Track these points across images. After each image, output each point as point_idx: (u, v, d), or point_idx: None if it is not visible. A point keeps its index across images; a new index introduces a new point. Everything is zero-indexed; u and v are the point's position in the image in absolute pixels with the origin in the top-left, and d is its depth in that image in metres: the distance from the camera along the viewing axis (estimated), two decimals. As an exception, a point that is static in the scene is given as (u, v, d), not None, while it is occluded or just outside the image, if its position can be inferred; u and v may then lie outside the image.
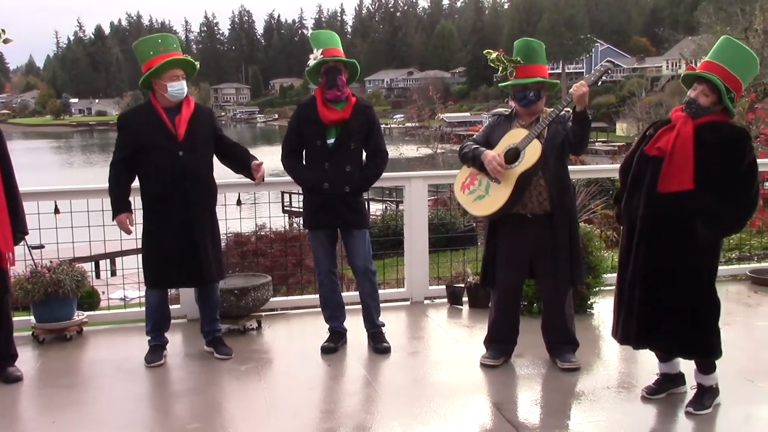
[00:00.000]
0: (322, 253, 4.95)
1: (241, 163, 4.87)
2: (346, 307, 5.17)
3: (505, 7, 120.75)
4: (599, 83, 4.46)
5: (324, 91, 4.75)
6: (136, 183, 4.74)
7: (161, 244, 4.61)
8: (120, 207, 4.66)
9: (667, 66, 67.93)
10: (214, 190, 4.79)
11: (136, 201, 4.82)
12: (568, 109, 4.32)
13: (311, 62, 4.74)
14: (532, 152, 4.26)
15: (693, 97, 3.76)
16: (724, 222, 3.73)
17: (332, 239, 4.97)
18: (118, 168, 4.66)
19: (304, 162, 4.92)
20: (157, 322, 4.83)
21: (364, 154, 4.93)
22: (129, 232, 4.70)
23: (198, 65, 4.73)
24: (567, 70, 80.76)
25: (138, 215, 4.83)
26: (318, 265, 5.01)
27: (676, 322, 3.78)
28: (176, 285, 4.85)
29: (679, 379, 4.13)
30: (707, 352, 3.83)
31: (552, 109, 4.39)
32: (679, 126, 3.76)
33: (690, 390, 4.05)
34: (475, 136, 4.66)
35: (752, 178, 3.72)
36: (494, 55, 4.50)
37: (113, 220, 4.73)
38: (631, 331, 3.89)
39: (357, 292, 5.12)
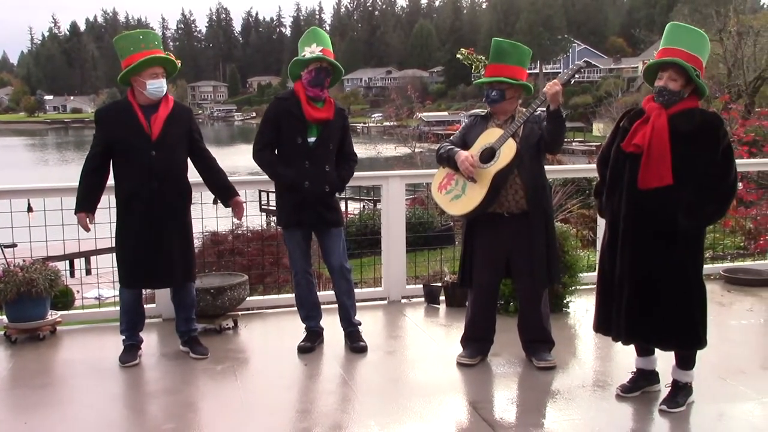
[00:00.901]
0: (298, 253, 4.93)
1: (221, 189, 4.91)
2: (322, 306, 5.15)
3: (483, 6, 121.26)
4: (572, 81, 4.49)
5: (306, 87, 4.72)
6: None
7: (128, 243, 4.58)
8: (82, 204, 4.62)
9: (643, 66, 68.48)
10: (188, 190, 4.75)
11: (109, 200, 4.79)
12: (543, 108, 4.34)
13: (307, 54, 4.66)
14: (508, 151, 4.28)
15: (663, 85, 3.77)
16: (705, 211, 3.75)
17: (307, 238, 4.96)
18: (90, 163, 4.63)
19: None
20: (131, 321, 4.78)
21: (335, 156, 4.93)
22: (87, 230, 4.67)
23: (179, 64, 4.69)
24: (545, 71, 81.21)
25: (104, 214, 4.80)
26: (294, 265, 4.99)
27: (666, 315, 3.81)
28: (142, 285, 4.79)
29: (653, 377, 4.17)
30: (695, 343, 3.86)
31: (526, 109, 4.42)
32: (653, 119, 3.76)
33: (664, 388, 4.08)
34: (452, 138, 4.68)
35: (728, 164, 3.75)
36: (464, 53, 4.55)
37: (74, 214, 4.70)
38: (623, 328, 3.92)
39: (332, 291, 5.11)
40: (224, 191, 4.91)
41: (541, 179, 4.48)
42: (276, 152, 4.85)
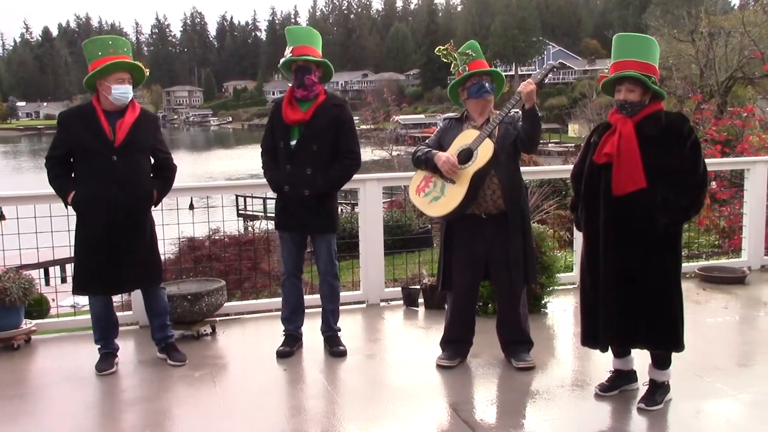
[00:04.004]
0: (286, 254, 4.91)
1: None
2: (306, 311, 5.13)
3: (458, 9, 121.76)
4: (546, 81, 4.51)
5: (293, 89, 4.73)
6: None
7: (87, 248, 4.52)
8: (68, 191, 4.54)
9: (599, 82, 68.98)
10: (149, 196, 4.63)
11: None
12: (517, 109, 4.37)
13: (282, 59, 4.71)
14: (485, 151, 4.30)
15: (623, 98, 3.84)
16: (680, 206, 3.78)
17: (299, 242, 4.91)
18: (52, 163, 4.56)
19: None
20: (104, 330, 4.73)
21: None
22: None
23: (147, 73, 4.65)
24: (520, 72, 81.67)
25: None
26: (283, 266, 4.98)
27: (649, 317, 3.84)
28: (101, 292, 4.71)
29: (631, 375, 4.20)
30: (675, 344, 3.90)
31: (500, 111, 4.44)
32: (620, 127, 3.83)
33: (642, 387, 4.11)
34: (427, 141, 4.69)
35: (696, 158, 3.79)
36: (445, 48, 4.53)
37: (66, 207, 4.65)
38: (615, 335, 3.94)
39: (314, 296, 5.08)
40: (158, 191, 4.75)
41: (517, 179, 4.50)
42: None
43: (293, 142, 4.71)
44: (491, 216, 4.44)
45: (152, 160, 4.72)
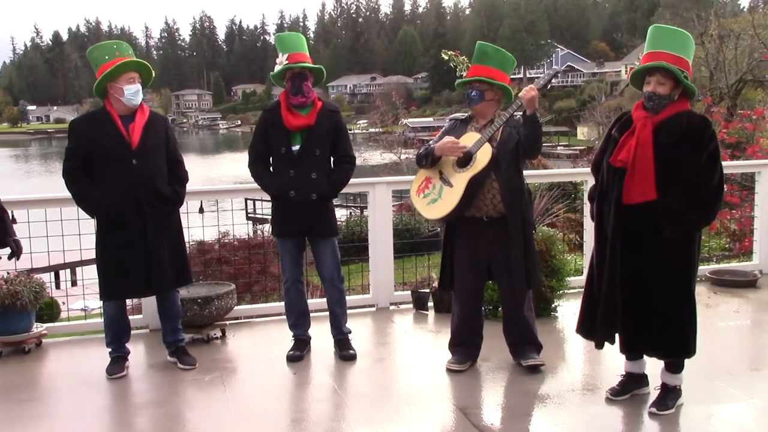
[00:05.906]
0: (288, 261, 4.91)
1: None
2: (313, 315, 5.13)
3: (467, 12, 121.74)
4: (549, 86, 4.51)
5: (289, 96, 4.71)
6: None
7: (114, 253, 4.52)
8: (101, 207, 4.52)
9: (626, 70, 68.92)
10: (175, 194, 4.68)
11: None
12: (520, 113, 4.35)
13: (276, 68, 4.70)
14: (483, 156, 4.31)
15: (651, 90, 3.76)
16: (688, 220, 3.71)
17: (299, 247, 4.92)
18: (73, 175, 4.54)
19: (271, 168, 4.86)
20: (116, 334, 4.74)
21: (332, 159, 4.88)
22: None
23: (154, 73, 4.68)
24: (528, 75, 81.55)
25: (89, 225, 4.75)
26: (284, 273, 4.97)
27: (657, 326, 3.81)
28: (130, 295, 4.74)
29: (642, 380, 4.17)
30: (684, 351, 3.87)
31: (505, 112, 4.42)
32: (638, 131, 3.76)
33: (653, 391, 4.09)
34: (431, 142, 4.70)
35: (712, 169, 3.71)
36: (450, 54, 4.59)
37: (93, 218, 4.66)
38: (612, 334, 3.93)
39: (322, 299, 5.09)
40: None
41: (518, 183, 4.46)
42: (270, 163, 4.84)
43: (295, 147, 4.70)
44: (492, 219, 4.43)
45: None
